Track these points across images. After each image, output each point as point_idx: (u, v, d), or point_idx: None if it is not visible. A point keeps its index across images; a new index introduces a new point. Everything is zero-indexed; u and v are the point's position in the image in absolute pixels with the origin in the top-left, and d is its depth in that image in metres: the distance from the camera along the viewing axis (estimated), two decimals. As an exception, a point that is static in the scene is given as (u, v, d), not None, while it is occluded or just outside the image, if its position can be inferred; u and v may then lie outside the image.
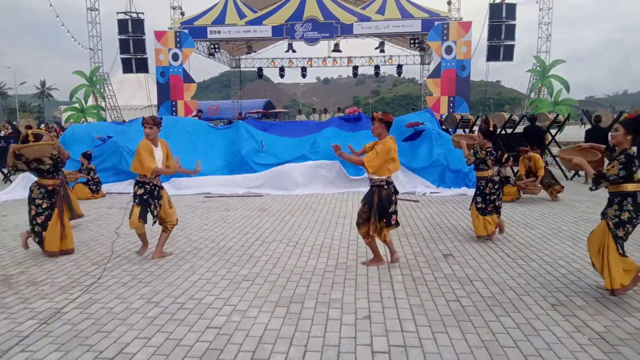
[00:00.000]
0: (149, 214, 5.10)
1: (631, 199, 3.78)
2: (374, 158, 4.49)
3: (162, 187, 5.23)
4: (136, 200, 5.04)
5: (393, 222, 4.69)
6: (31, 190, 5.33)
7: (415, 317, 3.60)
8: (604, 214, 3.96)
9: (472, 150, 6.01)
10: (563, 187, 8.92)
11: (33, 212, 5.26)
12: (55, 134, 17.22)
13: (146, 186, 5.06)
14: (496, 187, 5.89)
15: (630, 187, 3.77)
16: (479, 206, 5.86)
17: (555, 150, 13.70)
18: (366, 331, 3.37)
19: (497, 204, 5.88)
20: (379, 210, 4.61)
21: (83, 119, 21.30)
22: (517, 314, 3.64)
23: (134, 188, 5.10)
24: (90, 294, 4.15)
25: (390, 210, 4.65)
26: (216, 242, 5.92)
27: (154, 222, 5.25)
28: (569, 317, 3.58)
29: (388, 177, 4.64)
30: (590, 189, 4.04)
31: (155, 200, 5.10)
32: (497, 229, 5.93)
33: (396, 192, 4.74)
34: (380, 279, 4.47)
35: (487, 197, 5.85)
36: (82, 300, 4.00)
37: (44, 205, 5.25)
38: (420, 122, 11.22)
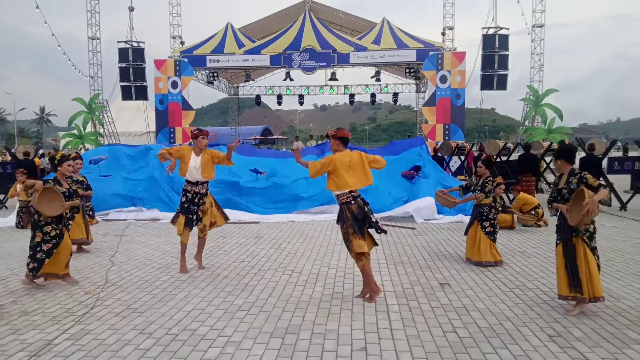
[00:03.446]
0: (193, 221, 5.60)
1: None
2: (315, 163, 4.62)
3: (205, 194, 5.67)
4: (180, 209, 5.57)
5: (380, 230, 4.61)
6: (38, 215, 5.13)
7: (412, 349, 3.56)
8: (576, 232, 4.27)
9: (477, 187, 6.30)
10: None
11: (38, 239, 5.06)
12: (50, 163, 17.25)
13: (188, 194, 5.58)
14: (496, 212, 6.26)
15: None
16: (487, 230, 6.09)
17: (550, 177, 13.80)
18: (362, 363, 3.32)
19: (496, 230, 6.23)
20: (357, 225, 4.51)
21: (81, 146, 21.37)
22: (515, 346, 3.60)
23: (181, 197, 5.66)
24: (83, 324, 4.09)
25: (372, 219, 4.58)
26: (211, 271, 5.88)
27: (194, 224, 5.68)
28: (567, 349, 3.55)
29: (351, 191, 4.53)
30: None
31: (196, 207, 5.58)
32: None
33: (366, 204, 4.63)
34: (377, 309, 4.43)
35: (492, 222, 6.14)
36: (74, 331, 3.94)
37: (52, 233, 5.11)
38: (416, 172, 11.13)
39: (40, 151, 17.38)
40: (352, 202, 4.53)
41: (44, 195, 5.04)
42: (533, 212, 8.88)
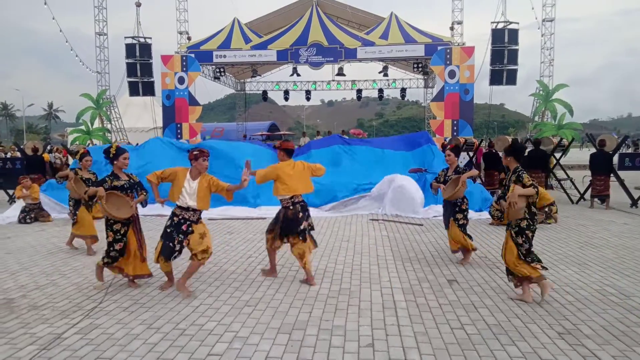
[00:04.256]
0: (173, 250, 4.65)
1: None
2: (261, 172, 5.14)
3: (196, 222, 4.72)
4: (162, 234, 4.69)
5: (307, 239, 5.12)
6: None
7: (420, 346, 3.54)
8: (509, 225, 4.58)
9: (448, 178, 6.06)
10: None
11: (110, 238, 4.91)
12: (61, 155, 17.39)
13: (174, 218, 4.67)
14: (466, 202, 6.02)
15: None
16: (461, 222, 5.95)
17: (559, 173, 13.67)
18: (369, 360, 3.31)
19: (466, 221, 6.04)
20: (283, 227, 5.11)
21: (89, 141, 21.51)
22: (523, 343, 3.57)
23: (166, 221, 4.77)
24: (91, 318, 4.12)
25: (302, 227, 5.08)
26: (219, 266, 5.89)
27: (174, 257, 4.75)
28: (576, 346, 3.52)
29: (292, 197, 5.10)
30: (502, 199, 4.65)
31: (181, 236, 4.64)
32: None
33: (304, 211, 5.15)
34: (384, 305, 4.42)
35: (464, 213, 5.98)
36: (82, 325, 3.97)
37: (122, 231, 4.91)
38: (423, 168, 11.12)
39: (49, 147, 17.52)
40: (291, 207, 5.11)
41: (109, 200, 4.82)
42: (547, 209, 8.73)
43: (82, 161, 6.94)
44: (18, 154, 15.12)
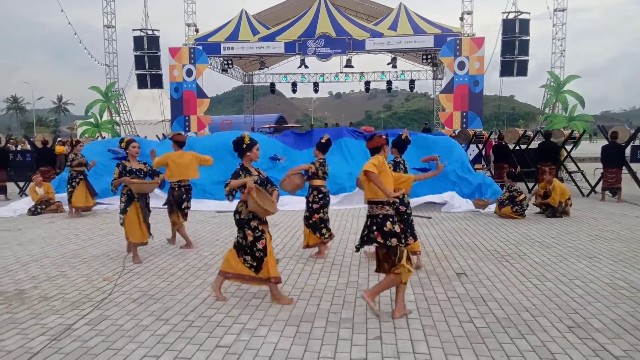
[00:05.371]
0: None
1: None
2: (158, 157, 6.45)
3: None
4: (398, 237, 3.84)
5: (186, 212, 6.47)
6: (239, 212, 4.34)
7: (428, 339, 3.53)
8: None
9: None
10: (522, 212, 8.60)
11: (251, 237, 4.25)
12: (70, 148, 17.52)
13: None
14: (320, 196, 5.75)
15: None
16: (305, 214, 5.80)
17: (570, 166, 13.52)
18: (377, 352, 3.31)
19: (320, 216, 5.75)
20: (175, 204, 6.41)
21: (97, 134, 21.64)
22: (533, 336, 3.54)
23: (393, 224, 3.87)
24: (101, 310, 4.15)
25: (183, 206, 6.39)
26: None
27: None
28: (586, 340, 3.48)
29: (179, 181, 6.41)
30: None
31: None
32: (318, 252, 5.91)
33: (187, 193, 6.45)
34: (392, 298, 4.39)
35: (310, 205, 5.75)
36: (92, 316, 4.00)
37: (260, 227, 4.29)
38: (437, 157, 10.98)
39: (59, 139, 17.65)
40: (176, 188, 6.40)
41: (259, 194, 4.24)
42: (563, 204, 8.65)
43: (129, 148, 5.72)
44: (28, 147, 15.26)
